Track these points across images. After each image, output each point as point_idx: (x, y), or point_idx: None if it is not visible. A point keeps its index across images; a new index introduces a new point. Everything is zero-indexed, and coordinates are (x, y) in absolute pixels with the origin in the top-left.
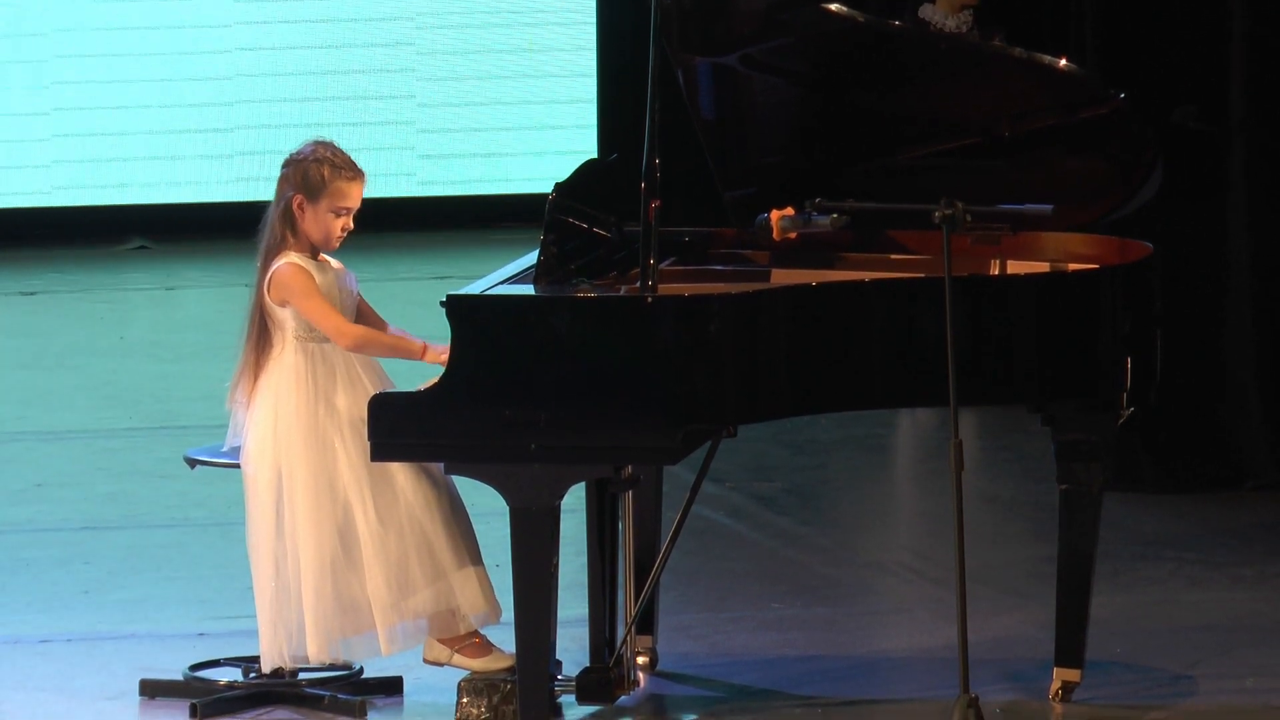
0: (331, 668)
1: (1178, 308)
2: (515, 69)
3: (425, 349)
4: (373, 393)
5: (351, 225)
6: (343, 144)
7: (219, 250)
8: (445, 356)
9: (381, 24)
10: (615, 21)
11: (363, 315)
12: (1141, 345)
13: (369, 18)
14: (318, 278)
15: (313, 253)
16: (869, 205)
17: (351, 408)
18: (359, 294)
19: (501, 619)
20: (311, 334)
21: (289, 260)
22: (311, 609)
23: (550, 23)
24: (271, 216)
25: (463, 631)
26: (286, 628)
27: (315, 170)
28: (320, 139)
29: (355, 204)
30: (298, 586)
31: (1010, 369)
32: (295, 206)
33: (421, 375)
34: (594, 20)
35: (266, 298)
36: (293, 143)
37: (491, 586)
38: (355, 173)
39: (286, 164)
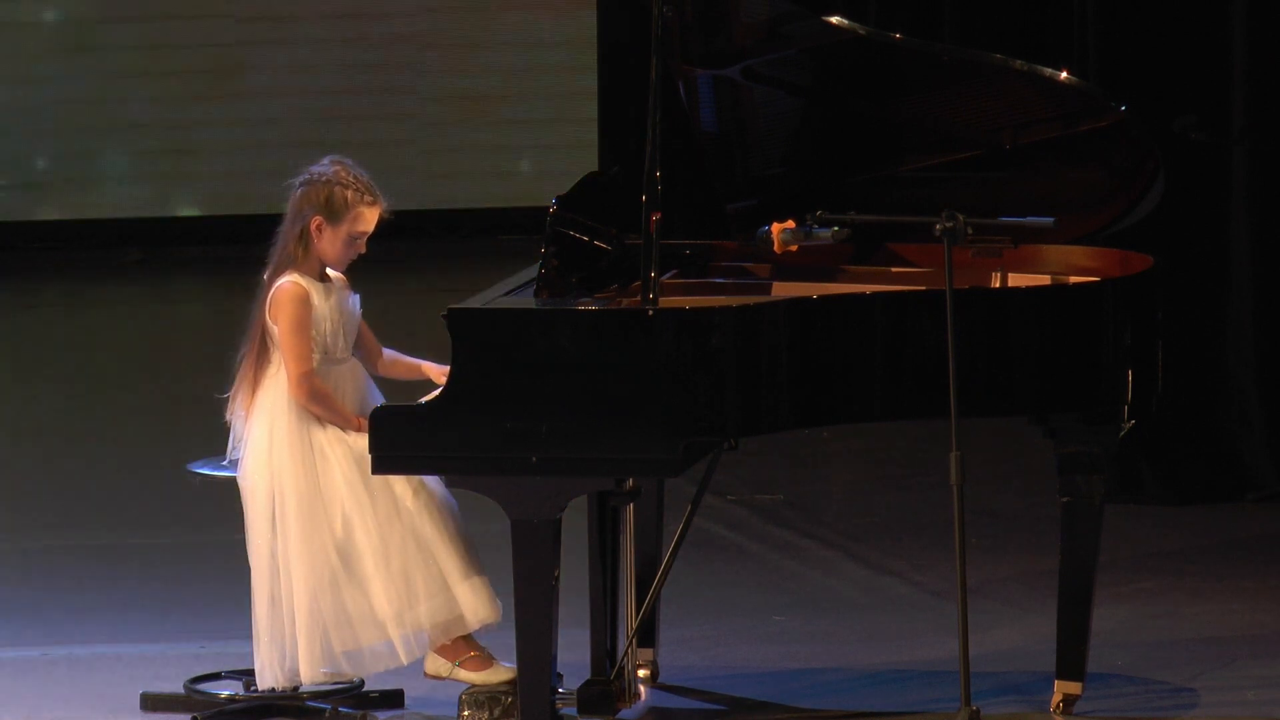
0: (334, 680)
1: (1179, 319)
2: (516, 79)
3: (360, 424)
4: (366, 408)
5: (364, 249)
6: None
7: (217, 262)
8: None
9: (384, 33)
10: (616, 33)
11: (361, 338)
12: (1143, 357)
13: (373, 28)
14: (317, 302)
15: (319, 272)
16: (870, 218)
17: None
18: (360, 315)
19: (501, 623)
20: None
21: (293, 280)
22: (305, 629)
23: (551, 33)
24: (287, 233)
25: (469, 630)
26: (281, 645)
27: (339, 194)
28: (337, 157)
29: (373, 228)
30: (291, 605)
31: (1012, 381)
32: (314, 228)
33: (421, 390)
34: (595, 32)
35: (266, 315)
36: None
37: (492, 590)
38: (376, 198)
39: (306, 181)
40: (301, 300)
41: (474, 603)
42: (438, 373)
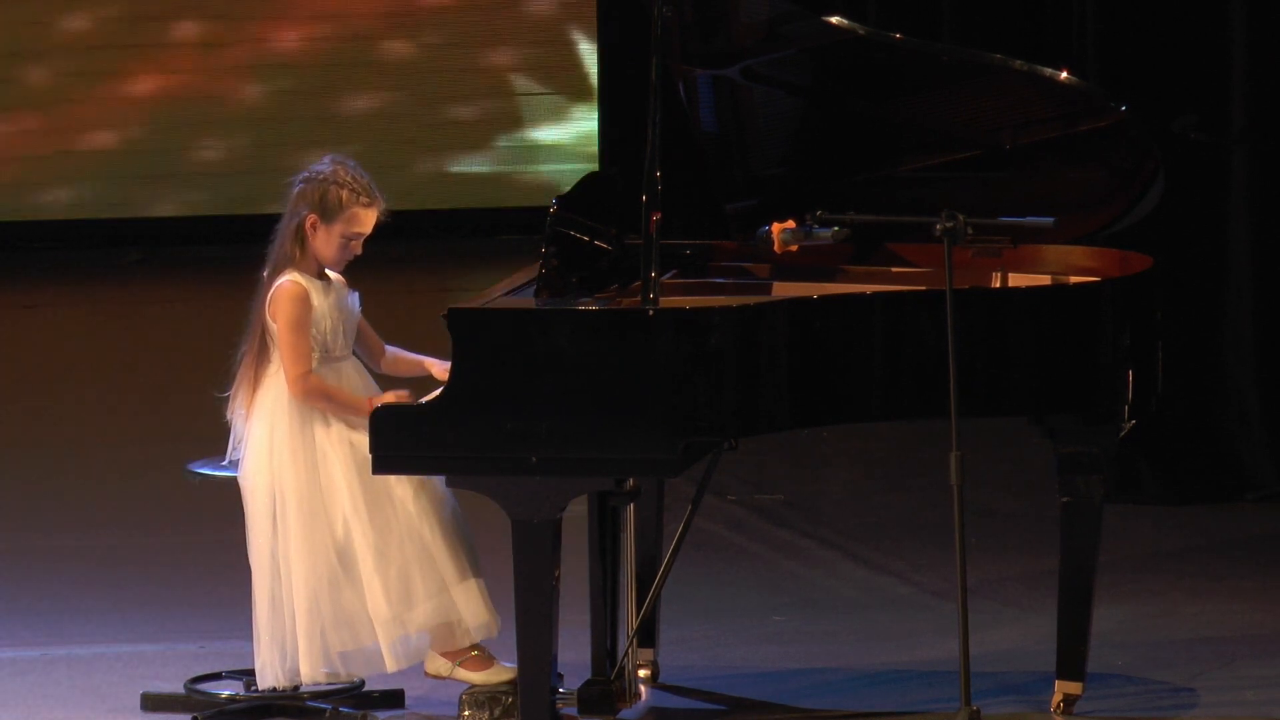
0: (334, 681)
1: (1178, 319)
2: (516, 78)
3: (372, 404)
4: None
5: (361, 250)
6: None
7: (216, 262)
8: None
9: (383, 31)
10: (616, 33)
11: (363, 335)
12: (1142, 357)
13: (370, 19)
14: (316, 300)
15: (318, 270)
16: (870, 218)
17: (346, 423)
18: (360, 313)
19: (500, 630)
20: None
21: (292, 279)
22: (305, 629)
23: (551, 33)
24: (283, 232)
25: (464, 644)
26: (281, 645)
27: (334, 192)
28: (338, 157)
29: (368, 230)
30: (291, 605)
31: (1011, 381)
32: (308, 226)
33: (425, 387)
34: (595, 31)
35: (266, 314)
36: (292, 156)
37: (489, 599)
38: (373, 199)
39: (304, 179)
40: (301, 299)
41: (471, 609)
42: (441, 369)
